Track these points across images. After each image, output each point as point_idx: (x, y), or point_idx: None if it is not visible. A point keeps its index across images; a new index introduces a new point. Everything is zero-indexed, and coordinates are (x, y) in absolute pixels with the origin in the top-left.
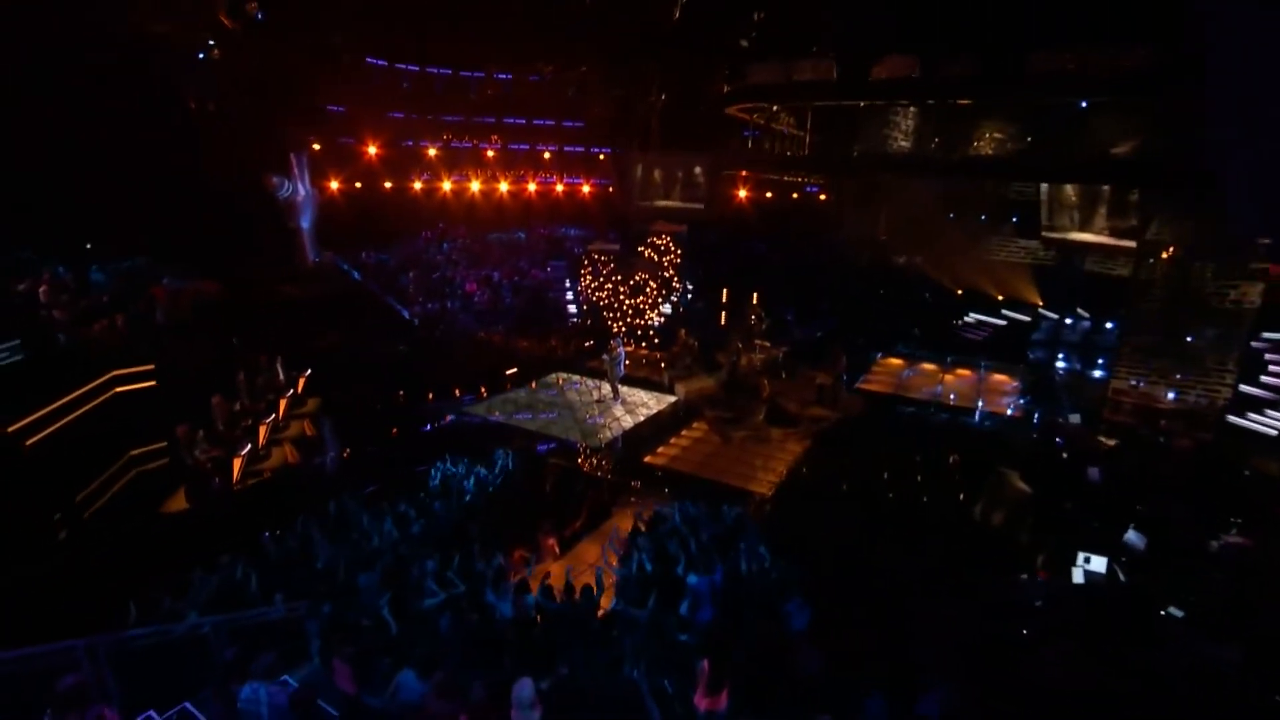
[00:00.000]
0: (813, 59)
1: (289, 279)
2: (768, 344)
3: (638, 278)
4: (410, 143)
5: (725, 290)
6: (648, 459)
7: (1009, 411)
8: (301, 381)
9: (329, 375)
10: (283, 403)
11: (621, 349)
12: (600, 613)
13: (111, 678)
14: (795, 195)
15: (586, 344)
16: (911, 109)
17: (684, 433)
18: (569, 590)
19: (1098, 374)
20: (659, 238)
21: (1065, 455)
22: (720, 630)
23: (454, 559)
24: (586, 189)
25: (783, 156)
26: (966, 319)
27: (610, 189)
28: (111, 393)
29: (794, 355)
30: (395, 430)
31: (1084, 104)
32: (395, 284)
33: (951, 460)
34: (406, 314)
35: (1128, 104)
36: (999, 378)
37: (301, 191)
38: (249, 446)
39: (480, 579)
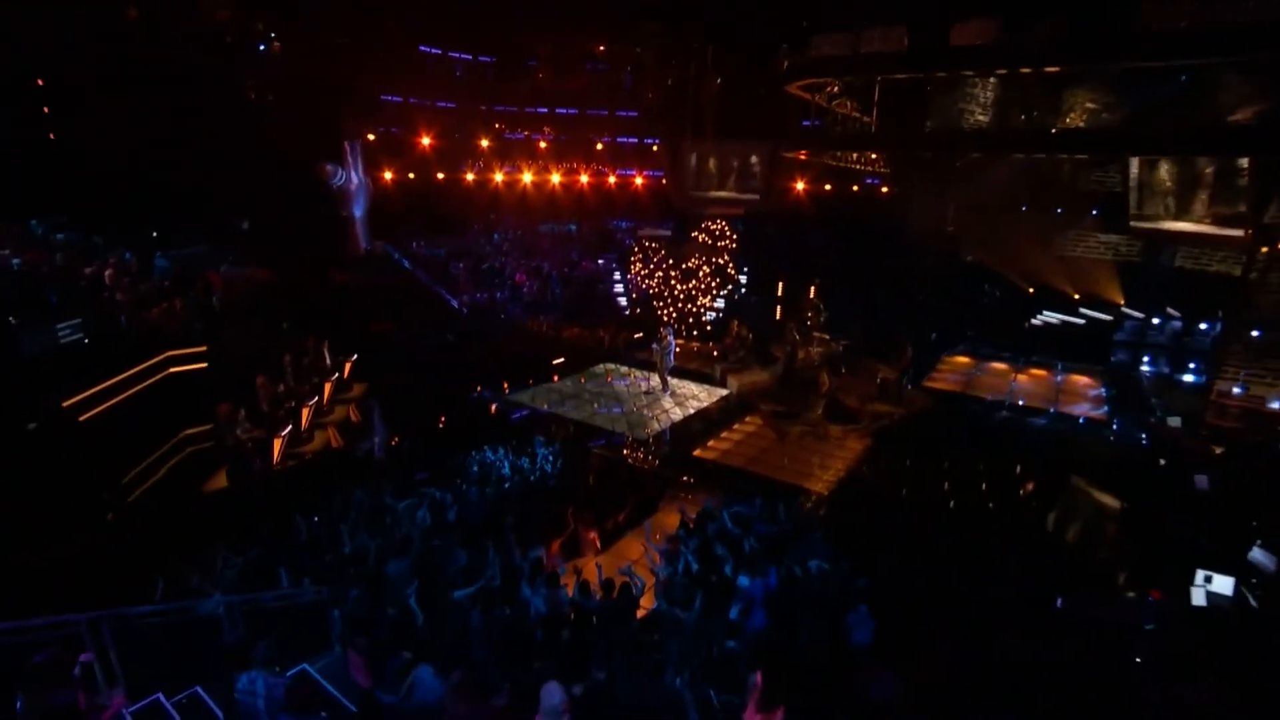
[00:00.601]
0: (882, 27)
1: (341, 267)
2: (826, 337)
3: (691, 262)
4: (459, 135)
5: (780, 284)
6: (697, 453)
7: (1090, 414)
8: (348, 366)
9: (377, 362)
10: (327, 386)
11: (672, 338)
12: (641, 613)
13: (115, 656)
14: (855, 188)
15: (636, 335)
16: (991, 79)
17: (736, 427)
18: (608, 587)
19: (1189, 378)
20: (714, 222)
21: (1164, 462)
22: (773, 639)
23: (488, 549)
24: (639, 180)
25: (849, 136)
26: (1040, 317)
27: (663, 180)
28: (166, 373)
29: (855, 349)
30: (441, 420)
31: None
32: (445, 273)
33: (1024, 466)
34: (455, 303)
35: (1253, 64)
36: (1078, 379)
37: (355, 180)
38: (290, 428)
39: (515, 571)
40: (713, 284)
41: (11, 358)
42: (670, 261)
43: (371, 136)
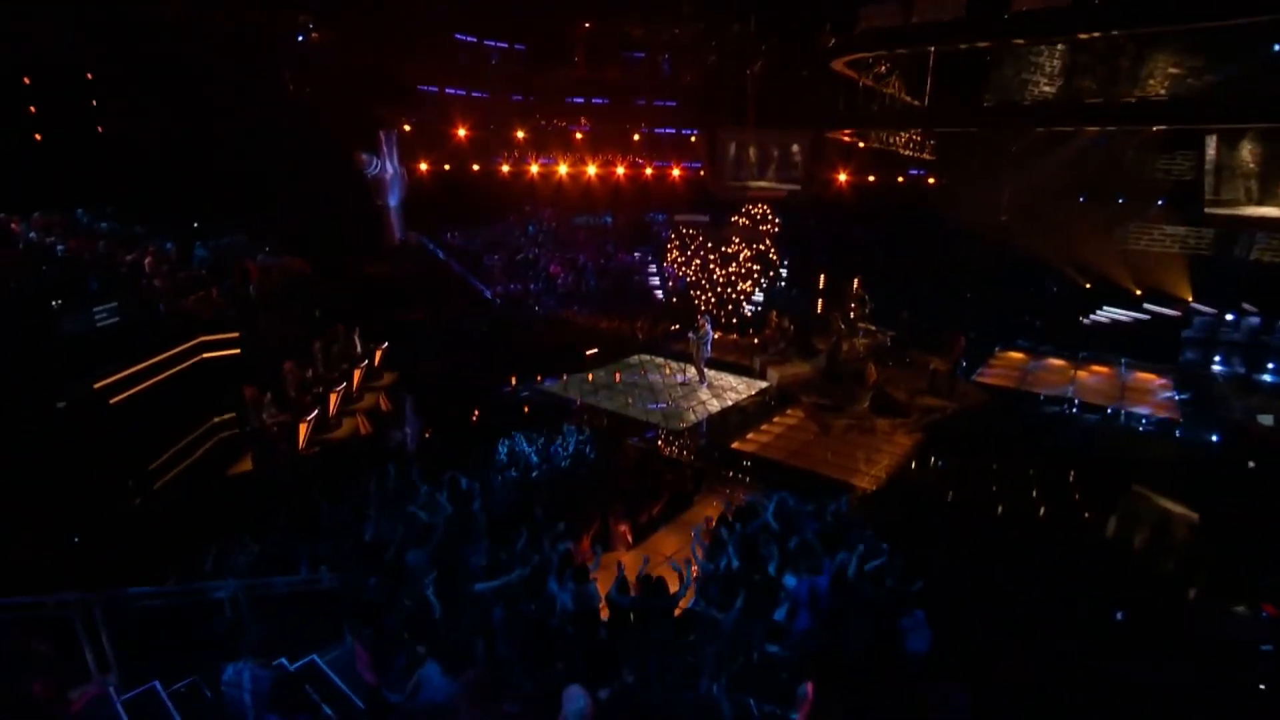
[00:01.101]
0: None
1: (375, 257)
2: (872, 328)
3: (730, 247)
4: (494, 126)
5: (822, 277)
6: (736, 445)
7: (1161, 414)
8: (379, 354)
9: (408, 351)
10: (357, 373)
11: (709, 326)
12: (677, 612)
13: (109, 640)
14: (900, 179)
15: (672, 327)
16: (1060, 46)
17: (777, 419)
18: (643, 583)
19: (1268, 378)
20: (755, 206)
21: (1252, 464)
22: (820, 644)
23: (513, 540)
24: (676, 172)
25: (900, 113)
26: (1100, 313)
27: (701, 172)
28: (199, 358)
29: (902, 341)
30: (475, 414)
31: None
32: (479, 264)
33: (1086, 466)
34: (489, 294)
35: None
36: (1145, 377)
37: (390, 170)
38: (316, 412)
39: (542, 564)
40: (754, 269)
41: (50, 339)
42: (709, 245)
43: (408, 128)
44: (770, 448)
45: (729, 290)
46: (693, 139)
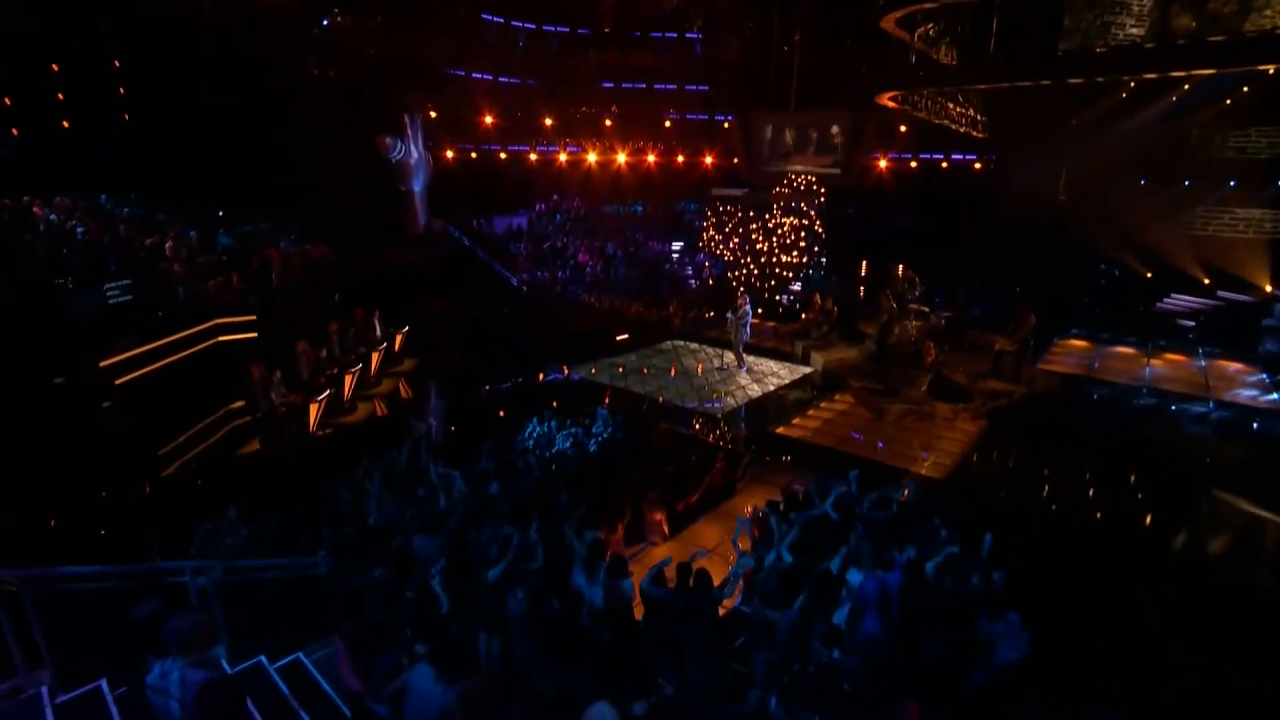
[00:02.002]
0: None
1: (399, 244)
2: (926, 309)
3: (773, 218)
4: (521, 114)
5: (864, 263)
6: (780, 430)
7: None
8: (399, 338)
9: (432, 337)
10: (375, 356)
11: (749, 306)
12: (722, 611)
13: (39, 631)
14: (944, 164)
15: (707, 314)
16: None
17: (824, 405)
18: (683, 576)
19: None
20: (799, 176)
21: None
22: (890, 650)
23: (534, 527)
24: (709, 160)
25: (961, 68)
26: (1169, 301)
27: (735, 160)
28: (215, 341)
29: (958, 323)
30: (500, 400)
31: None
32: (505, 252)
33: (1174, 461)
34: (515, 281)
35: None
36: (1227, 365)
37: (414, 154)
38: (329, 393)
39: (566, 555)
40: (799, 240)
41: (56, 317)
42: (751, 214)
43: (434, 114)
44: (819, 434)
45: (773, 263)
46: (725, 125)
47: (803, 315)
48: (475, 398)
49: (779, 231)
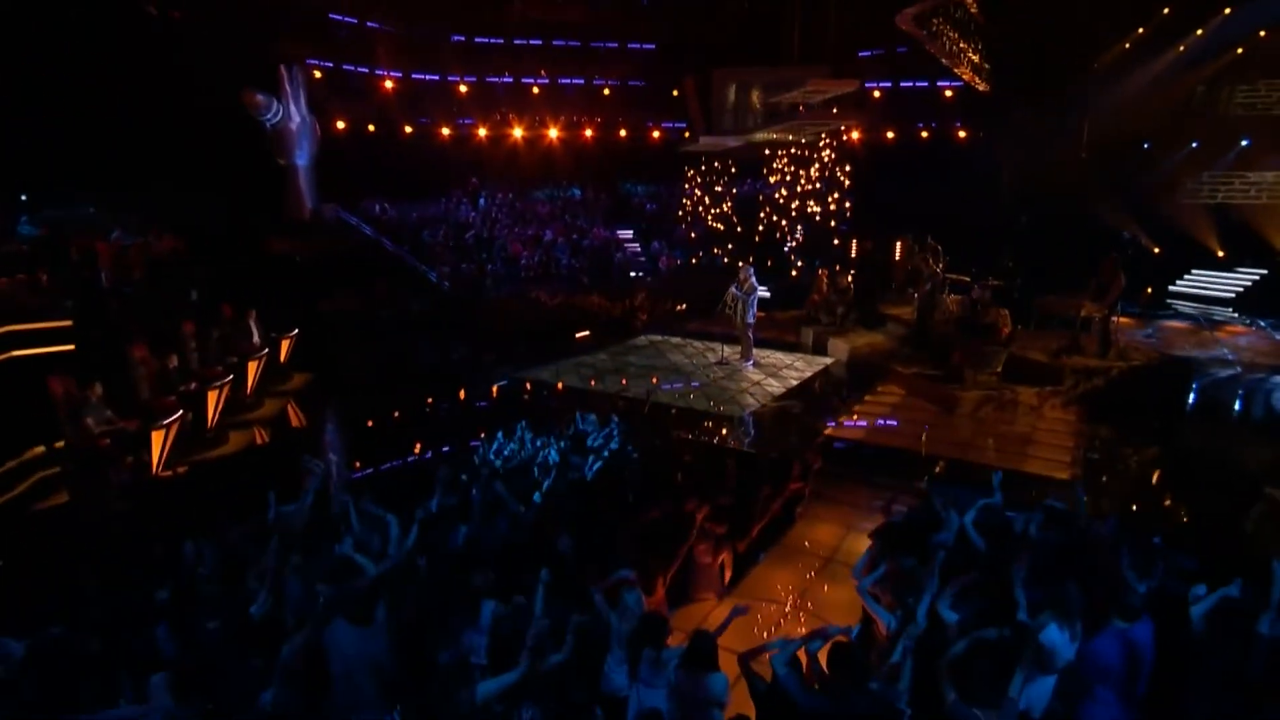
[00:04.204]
0: None
1: (280, 232)
2: (966, 278)
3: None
4: (429, 77)
5: (854, 242)
6: (828, 432)
7: None
8: (286, 345)
9: (331, 345)
10: (252, 367)
11: (754, 278)
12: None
13: None
14: (925, 134)
15: (678, 307)
16: None
17: (868, 399)
18: (842, 660)
19: None
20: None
21: None
22: None
23: (540, 596)
24: (656, 134)
25: None
26: (1189, 278)
27: (685, 134)
28: (4, 356)
29: (1008, 290)
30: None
31: None
32: (419, 243)
33: None
34: (434, 276)
35: None
36: None
37: (295, 118)
38: (181, 417)
39: (599, 639)
40: (816, 184)
41: None
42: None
43: (318, 74)
44: (880, 433)
45: (780, 220)
46: (675, 93)
47: (813, 297)
48: (396, 421)
49: (801, 179)
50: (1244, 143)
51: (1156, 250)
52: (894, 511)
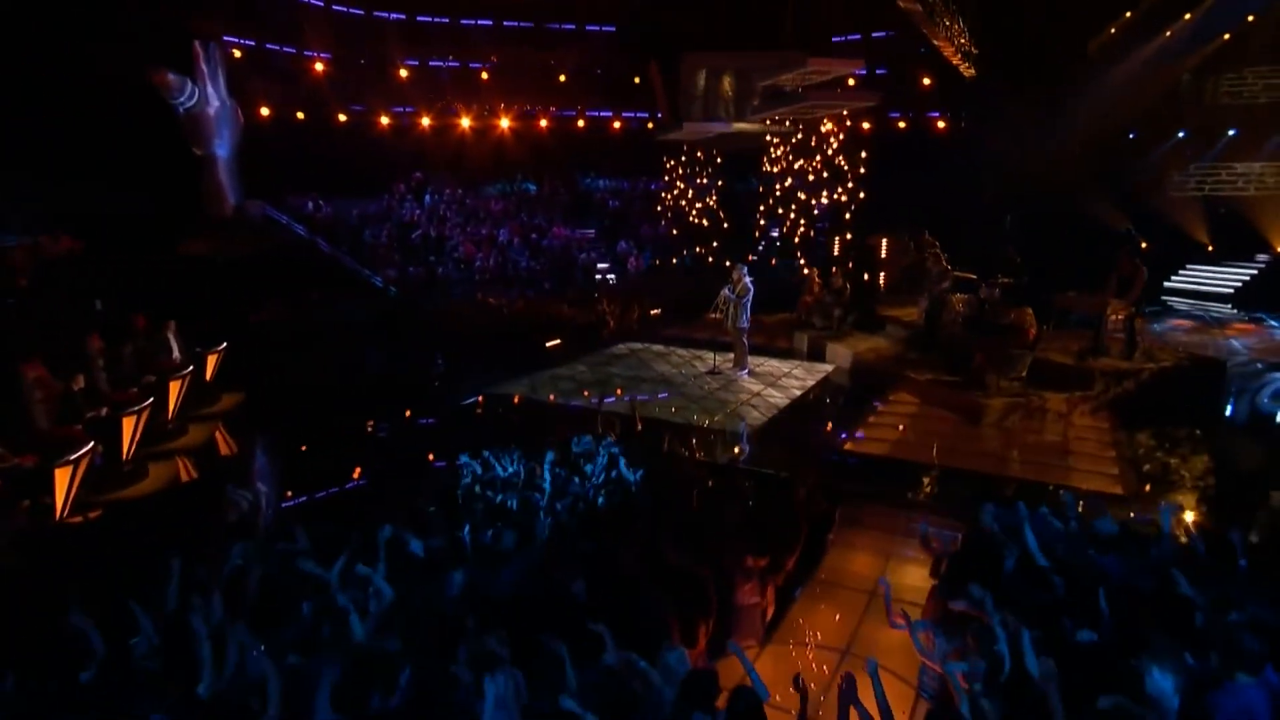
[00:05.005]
0: None
1: (197, 231)
2: (973, 275)
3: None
4: (364, 60)
5: (836, 239)
6: (850, 446)
7: None
8: (212, 361)
9: (265, 360)
10: (174, 388)
11: (749, 279)
12: None
13: None
14: (903, 125)
15: (653, 311)
16: None
17: (882, 408)
18: None
19: None
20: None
21: None
22: None
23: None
24: (617, 125)
25: None
26: (1184, 273)
27: (650, 124)
28: None
29: (1019, 287)
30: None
31: None
32: (359, 244)
33: None
34: (379, 281)
35: None
36: None
37: (213, 102)
38: (92, 450)
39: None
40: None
41: None
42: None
43: (238, 53)
44: (904, 446)
45: (785, 211)
46: (636, 80)
47: (804, 298)
48: (342, 448)
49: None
50: (1231, 133)
51: (1145, 245)
52: (930, 536)
